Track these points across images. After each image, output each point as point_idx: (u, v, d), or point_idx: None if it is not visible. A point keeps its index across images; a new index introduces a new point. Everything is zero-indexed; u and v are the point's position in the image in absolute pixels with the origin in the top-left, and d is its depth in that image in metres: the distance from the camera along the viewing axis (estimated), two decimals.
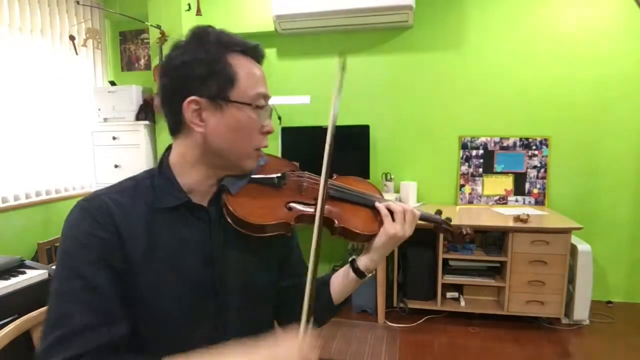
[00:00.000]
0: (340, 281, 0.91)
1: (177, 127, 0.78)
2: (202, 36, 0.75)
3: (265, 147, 0.83)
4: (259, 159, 0.84)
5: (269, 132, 0.81)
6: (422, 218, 0.95)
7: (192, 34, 0.77)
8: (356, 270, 0.88)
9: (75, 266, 0.69)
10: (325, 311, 0.93)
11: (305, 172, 0.92)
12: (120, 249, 0.72)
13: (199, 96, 0.74)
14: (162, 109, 0.81)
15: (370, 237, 0.87)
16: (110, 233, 0.72)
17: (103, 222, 0.72)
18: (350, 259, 0.90)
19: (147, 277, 0.73)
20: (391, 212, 0.87)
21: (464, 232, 1.00)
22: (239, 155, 0.78)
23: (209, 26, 0.77)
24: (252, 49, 0.79)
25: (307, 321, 0.71)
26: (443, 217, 1.02)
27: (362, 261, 0.88)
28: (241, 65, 0.76)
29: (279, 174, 0.85)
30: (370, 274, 0.89)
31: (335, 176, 0.94)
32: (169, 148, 0.83)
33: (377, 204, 0.89)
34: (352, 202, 0.90)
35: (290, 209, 0.83)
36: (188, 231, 0.78)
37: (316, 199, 0.82)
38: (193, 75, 0.74)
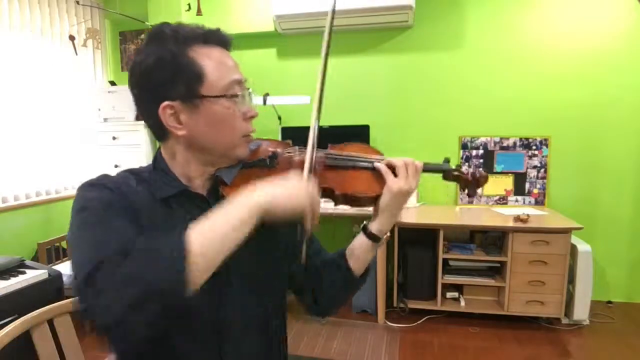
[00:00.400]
0: (356, 251, 0.89)
1: (161, 133, 0.78)
2: (159, 36, 0.73)
3: (253, 132, 0.81)
4: (250, 144, 0.83)
5: (252, 117, 0.80)
6: (427, 169, 0.90)
7: (149, 36, 0.75)
8: (370, 235, 0.86)
9: (99, 218, 0.68)
10: (349, 285, 0.91)
11: (297, 146, 0.90)
12: (137, 222, 0.72)
13: (171, 100, 0.72)
14: (141, 118, 0.80)
15: (375, 199, 0.85)
16: (126, 202, 0.72)
17: (118, 192, 0.73)
18: (362, 225, 0.88)
19: None
20: (392, 168, 0.85)
21: (477, 175, 0.93)
22: (226, 147, 0.78)
23: (165, 23, 0.75)
24: (213, 37, 0.76)
25: (310, 170, 0.76)
26: (452, 165, 0.96)
27: (374, 225, 0.86)
28: (205, 56, 0.73)
29: (270, 154, 0.84)
30: (385, 236, 0.87)
31: (329, 145, 0.91)
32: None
33: (376, 163, 0.86)
34: (349, 168, 0.87)
35: None
36: (189, 222, 0.78)
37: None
38: (159, 81, 0.72)
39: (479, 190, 1.02)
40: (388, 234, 0.88)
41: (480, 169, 0.95)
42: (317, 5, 2.91)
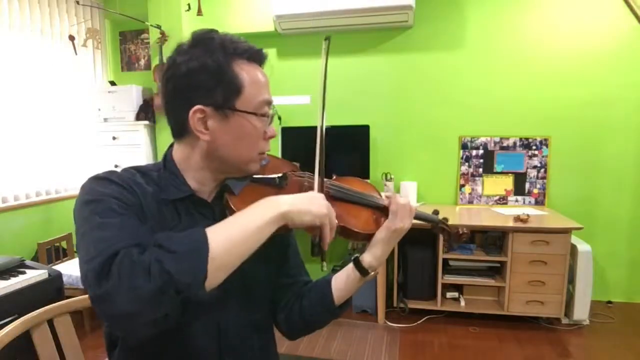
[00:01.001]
0: (343, 281, 0.90)
1: (181, 132, 0.79)
2: (207, 42, 0.75)
3: (268, 150, 0.84)
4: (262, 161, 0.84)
5: (271, 137, 0.82)
6: (418, 217, 0.95)
7: (197, 39, 0.76)
8: (360, 268, 0.88)
9: (111, 211, 0.67)
10: (326, 313, 0.91)
11: (306, 172, 0.93)
12: (144, 221, 0.72)
13: (204, 105, 0.74)
14: (165, 114, 0.81)
15: (369, 236, 0.88)
16: (136, 199, 0.72)
17: (127, 189, 0.72)
18: (353, 258, 0.90)
19: None
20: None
21: (460, 232, 1.00)
22: (243, 161, 0.79)
23: (213, 30, 0.77)
24: (256, 55, 0.79)
25: (320, 187, 0.82)
26: (440, 217, 1.02)
27: (366, 259, 0.88)
28: (246, 72, 0.76)
29: (280, 174, 0.86)
30: (374, 272, 0.88)
31: (334, 176, 0.94)
32: (172, 145, 0.83)
33: (379, 200, 0.90)
34: (351, 202, 0.90)
35: None
36: (192, 226, 0.78)
37: None
38: (200, 85, 0.74)
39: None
40: (377, 270, 0.90)
41: (465, 228, 1.01)
42: (317, 5, 2.91)
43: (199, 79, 0.73)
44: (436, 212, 1.02)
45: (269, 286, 0.92)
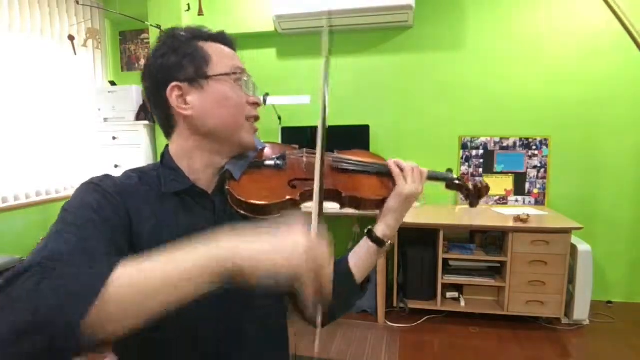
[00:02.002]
0: (359, 257, 0.89)
1: (169, 122, 0.80)
2: (171, 33, 0.80)
3: (257, 118, 0.83)
4: (257, 141, 0.84)
5: (256, 103, 0.83)
6: (431, 177, 0.94)
7: (163, 36, 0.81)
8: (375, 239, 0.87)
9: (74, 222, 0.63)
10: (350, 293, 0.89)
11: (304, 149, 0.92)
12: (129, 230, 0.71)
13: (179, 81, 0.76)
14: (152, 113, 0.83)
15: (380, 203, 0.87)
16: (121, 211, 0.71)
17: (114, 199, 0.72)
18: (366, 230, 0.89)
19: None
20: (401, 170, 0.88)
21: (479, 185, 0.99)
22: (230, 128, 0.79)
23: (176, 27, 0.82)
24: (219, 36, 0.83)
25: (319, 214, 0.63)
26: (454, 175, 1.01)
27: (379, 228, 0.87)
28: (211, 47, 0.80)
29: (277, 155, 0.86)
30: (389, 242, 0.88)
31: (336, 151, 0.94)
32: (168, 145, 0.84)
33: (389, 162, 0.90)
34: (356, 172, 0.90)
35: (294, 186, 0.82)
36: (193, 219, 0.78)
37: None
38: (169, 65, 0.77)
39: (481, 201, 1.06)
40: (392, 240, 0.89)
41: (482, 180, 1.00)
42: (317, 5, 2.91)
43: (168, 60, 0.77)
44: (450, 171, 1.01)
45: None
